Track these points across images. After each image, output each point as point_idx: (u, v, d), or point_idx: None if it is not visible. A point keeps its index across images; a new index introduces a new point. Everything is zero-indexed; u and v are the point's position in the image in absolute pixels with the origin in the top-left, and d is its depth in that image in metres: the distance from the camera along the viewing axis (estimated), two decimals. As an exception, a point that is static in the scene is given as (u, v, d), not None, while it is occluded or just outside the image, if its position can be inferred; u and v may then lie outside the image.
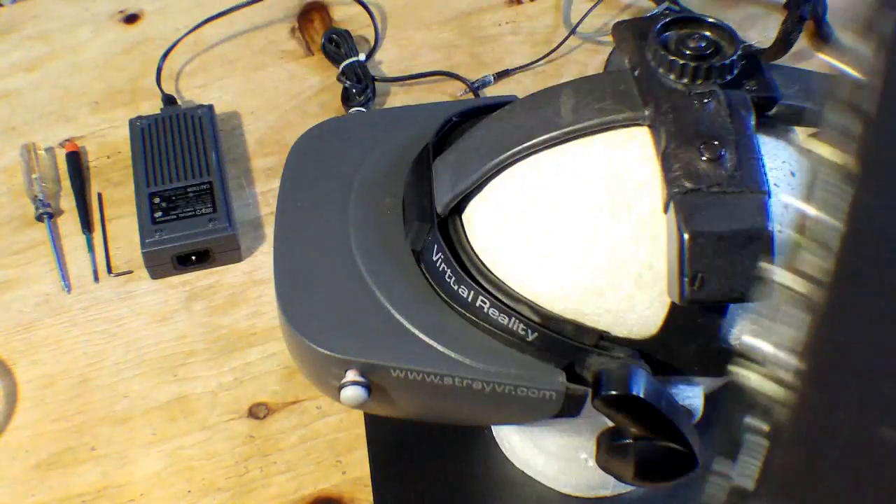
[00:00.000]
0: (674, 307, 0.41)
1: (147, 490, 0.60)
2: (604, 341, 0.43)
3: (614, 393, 0.40)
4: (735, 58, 0.41)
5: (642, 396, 0.40)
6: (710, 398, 0.46)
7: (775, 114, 0.42)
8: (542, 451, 0.57)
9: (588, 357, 0.43)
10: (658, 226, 0.40)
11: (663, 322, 0.42)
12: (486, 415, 0.50)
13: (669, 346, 0.42)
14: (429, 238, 0.46)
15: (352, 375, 0.44)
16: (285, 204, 0.52)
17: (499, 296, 0.43)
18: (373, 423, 0.62)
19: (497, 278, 0.44)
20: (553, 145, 0.43)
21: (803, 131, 0.45)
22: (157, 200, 0.70)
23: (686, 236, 0.37)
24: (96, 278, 0.71)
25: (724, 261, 0.38)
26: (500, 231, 0.44)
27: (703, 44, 0.41)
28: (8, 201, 0.76)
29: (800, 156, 0.44)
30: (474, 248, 0.45)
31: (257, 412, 0.64)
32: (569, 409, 0.44)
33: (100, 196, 0.75)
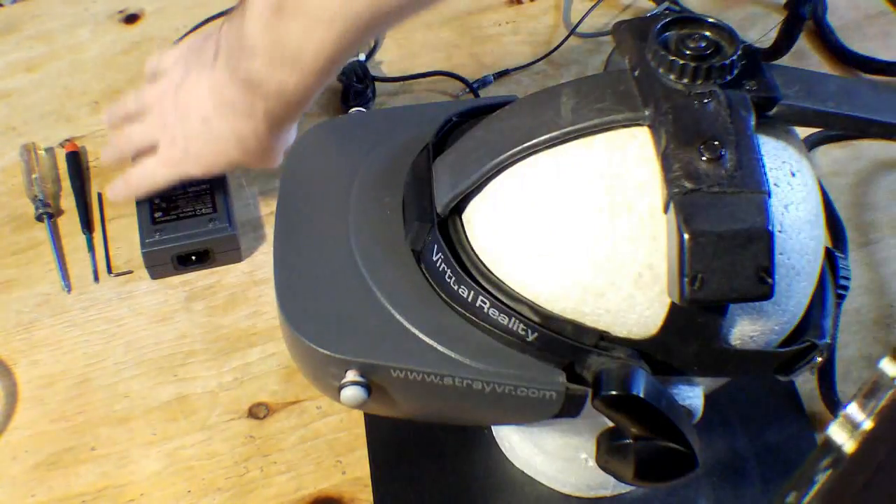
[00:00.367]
0: (674, 307, 0.41)
1: (147, 490, 0.60)
2: (604, 341, 0.43)
3: (614, 393, 0.40)
4: (735, 58, 0.41)
5: (642, 396, 0.40)
6: (709, 398, 0.46)
7: (775, 114, 0.42)
8: (541, 450, 0.57)
9: (588, 357, 0.43)
10: (658, 226, 0.40)
11: (663, 322, 0.42)
12: (486, 415, 0.50)
13: (669, 346, 0.42)
14: (429, 238, 0.46)
15: (352, 375, 0.45)
16: (285, 204, 0.52)
17: (499, 296, 0.43)
18: (373, 423, 0.62)
19: (497, 278, 0.44)
20: (553, 145, 0.43)
21: (803, 132, 0.45)
22: (157, 200, 0.70)
23: (686, 236, 0.38)
24: (96, 278, 0.71)
25: (724, 261, 0.38)
26: (500, 231, 0.44)
27: (703, 44, 0.41)
28: (8, 201, 0.76)
29: (800, 156, 0.44)
30: (474, 248, 0.45)
31: (257, 412, 0.64)
32: (569, 409, 0.44)
33: (100, 196, 0.75)
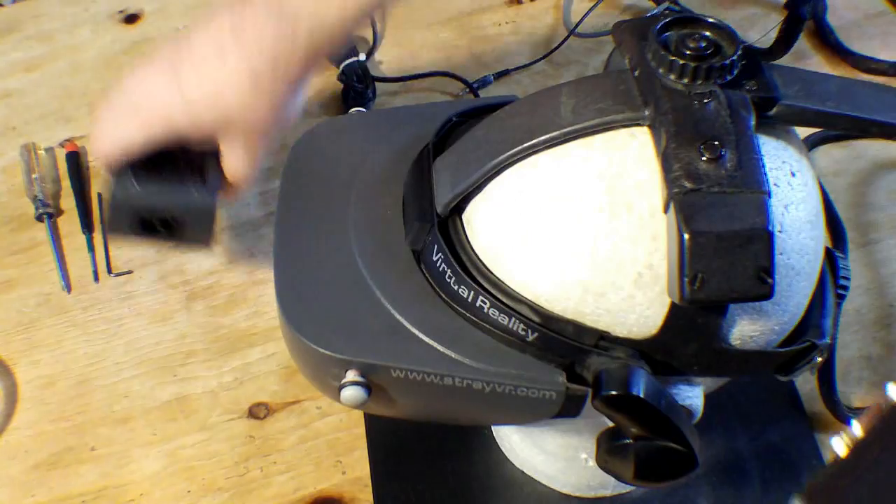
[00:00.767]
0: (674, 307, 0.41)
1: (147, 490, 0.60)
2: (604, 341, 0.43)
3: (614, 393, 0.40)
4: (735, 58, 0.41)
5: (642, 396, 0.40)
6: (709, 398, 0.46)
7: (775, 114, 0.42)
8: (541, 450, 0.57)
9: (588, 357, 0.43)
10: (658, 226, 0.40)
11: (663, 322, 0.42)
12: (486, 415, 0.50)
13: (669, 346, 0.42)
14: (429, 238, 0.46)
15: (352, 375, 0.44)
16: (285, 204, 0.52)
17: (499, 296, 0.43)
18: (373, 423, 0.62)
19: (497, 278, 0.44)
20: (553, 145, 0.43)
21: (803, 132, 0.45)
22: (147, 156, 0.58)
23: (686, 236, 0.38)
24: (96, 278, 0.71)
25: (724, 261, 0.38)
26: (500, 231, 0.44)
27: (703, 44, 0.41)
28: (8, 201, 0.76)
29: (800, 156, 0.44)
30: (474, 248, 0.45)
31: (257, 412, 0.64)
32: (569, 409, 0.44)
33: (100, 196, 0.75)
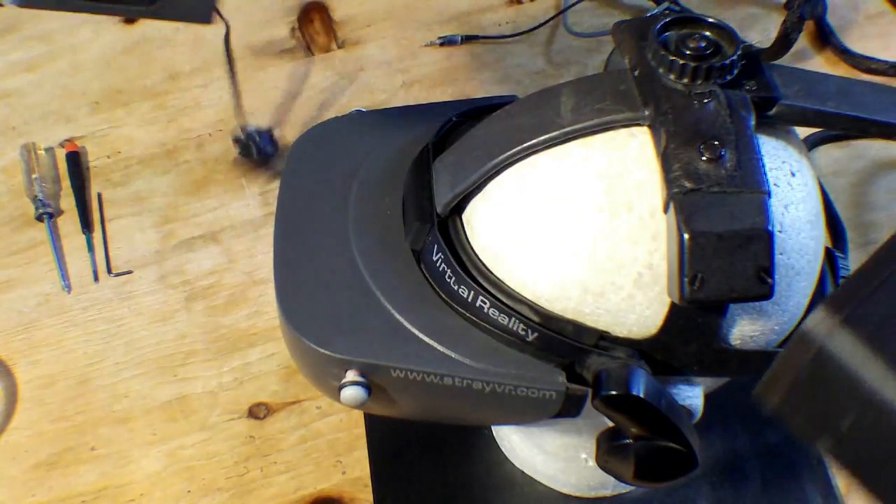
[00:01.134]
0: (674, 307, 0.41)
1: (147, 490, 0.60)
2: (604, 341, 0.43)
3: (614, 393, 0.40)
4: (735, 58, 0.41)
5: (642, 396, 0.40)
6: (709, 398, 0.46)
7: (775, 114, 0.42)
8: (541, 450, 0.57)
9: (588, 357, 0.43)
10: (658, 226, 0.40)
11: (663, 322, 0.42)
12: (486, 415, 0.50)
13: (669, 346, 0.42)
14: (429, 238, 0.46)
15: (352, 375, 0.44)
16: (285, 204, 0.52)
17: (499, 296, 0.43)
18: (373, 423, 0.62)
19: (497, 278, 0.44)
20: (553, 145, 0.43)
21: (803, 132, 0.45)
22: None
23: (686, 236, 0.37)
24: (96, 278, 0.71)
25: (724, 261, 0.38)
26: (499, 231, 0.44)
27: (703, 44, 0.41)
28: (8, 201, 0.76)
29: (800, 156, 0.44)
30: (474, 247, 0.45)
31: (257, 412, 0.64)
32: (569, 409, 0.44)
33: (100, 196, 0.76)
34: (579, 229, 0.42)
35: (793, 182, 0.42)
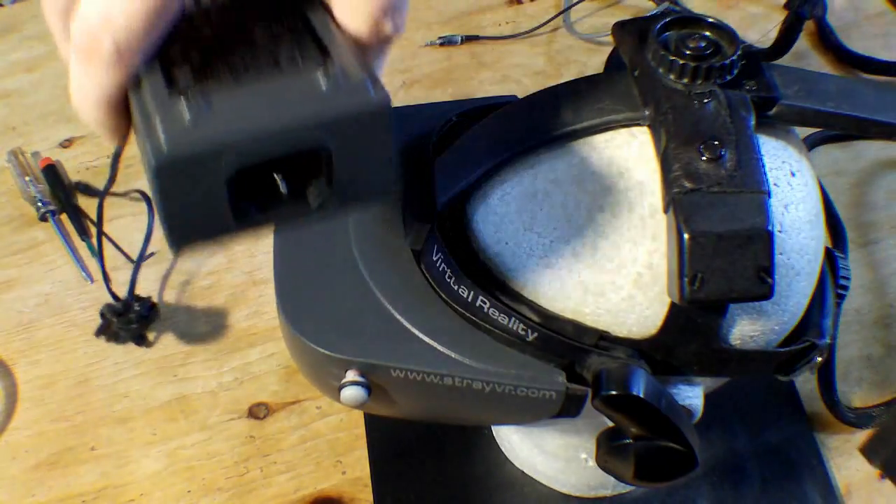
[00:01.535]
0: (674, 307, 0.41)
1: (147, 490, 0.60)
2: (604, 341, 0.43)
3: (614, 393, 0.40)
4: (735, 58, 0.41)
5: (642, 396, 0.40)
6: (709, 398, 0.46)
7: (775, 114, 0.42)
8: (541, 450, 0.57)
9: (588, 357, 0.43)
10: (658, 226, 0.40)
11: (663, 322, 0.42)
12: (486, 415, 0.50)
13: (669, 346, 0.42)
14: (428, 238, 0.46)
15: (352, 375, 0.44)
16: (285, 204, 0.51)
17: (499, 295, 0.43)
18: (373, 423, 0.62)
19: (497, 278, 0.44)
20: (553, 145, 0.43)
21: (803, 132, 0.45)
22: (178, 48, 0.30)
23: (686, 236, 0.37)
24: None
25: (724, 261, 0.38)
26: (499, 231, 0.44)
27: (703, 44, 0.41)
28: (8, 201, 0.76)
29: (800, 156, 0.44)
30: (474, 247, 0.45)
31: (257, 412, 0.64)
32: (569, 409, 0.44)
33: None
34: (579, 229, 0.42)
35: (793, 182, 0.42)
